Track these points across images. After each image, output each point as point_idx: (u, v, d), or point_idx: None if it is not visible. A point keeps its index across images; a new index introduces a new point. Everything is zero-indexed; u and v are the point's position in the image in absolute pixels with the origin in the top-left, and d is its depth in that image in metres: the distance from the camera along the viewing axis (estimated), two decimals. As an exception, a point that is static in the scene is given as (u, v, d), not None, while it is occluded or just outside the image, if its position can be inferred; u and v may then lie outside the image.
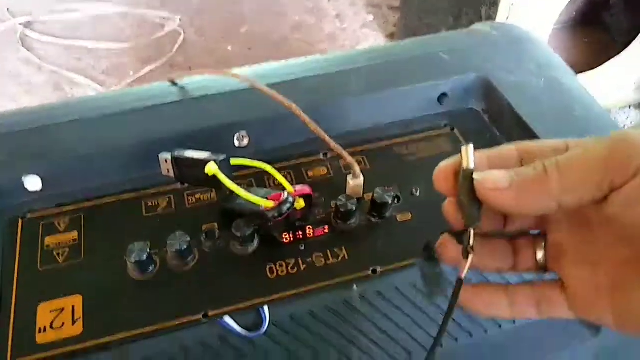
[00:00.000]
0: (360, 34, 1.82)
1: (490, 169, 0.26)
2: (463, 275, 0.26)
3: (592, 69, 1.34)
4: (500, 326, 0.42)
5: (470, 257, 0.26)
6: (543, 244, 0.29)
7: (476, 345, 0.42)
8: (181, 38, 1.76)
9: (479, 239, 0.27)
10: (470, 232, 0.26)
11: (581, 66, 1.32)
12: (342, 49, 1.70)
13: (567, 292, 0.27)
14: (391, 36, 1.81)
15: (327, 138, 0.43)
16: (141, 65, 1.66)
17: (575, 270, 0.27)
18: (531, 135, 0.47)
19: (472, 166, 0.26)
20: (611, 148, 0.23)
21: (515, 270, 0.30)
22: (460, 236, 0.27)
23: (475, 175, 0.26)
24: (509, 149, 0.28)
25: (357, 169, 0.43)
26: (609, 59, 1.34)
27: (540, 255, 0.29)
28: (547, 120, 0.48)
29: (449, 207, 0.28)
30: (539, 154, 0.26)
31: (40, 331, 0.36)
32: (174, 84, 0.52)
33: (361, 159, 0.48)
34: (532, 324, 0.43)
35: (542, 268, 0.29)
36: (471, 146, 0.26)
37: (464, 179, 0.26)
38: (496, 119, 0.52)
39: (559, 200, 0.24)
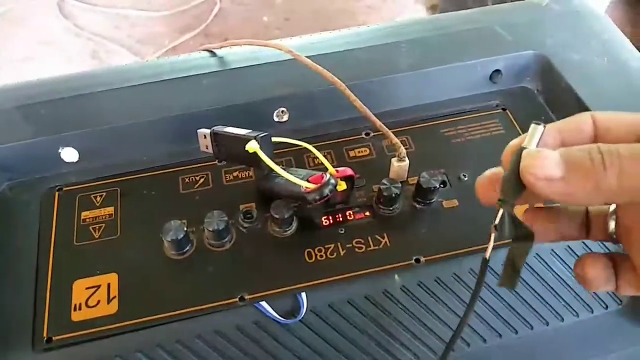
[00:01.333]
0: (402, 5, 1.76)
1: (563, 144, 0.23)
2: (487, 255, 0.24)
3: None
4: (531, 327, 0.40)
5: (493, 236, 0.24)
6: (614, 215, 0.26)
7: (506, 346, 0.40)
8: (217, 7, 1.73)
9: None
10: (500, 211, 0.23)
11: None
12: (382, 21, 1.64)
13: (637, 270, 0.25)
14: (434, 8, 1.74)
15: (372, 117, 0.41)
16: (177, 34, 1.65)
17: None
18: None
19: (533, 147, 0.23)
20: None
21: (584, 238, 0.27)
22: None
23: (523, 155, 0.22)
24: (584, 121, 0.24)
25: (402, 150, 0.41)
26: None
27: (612, 226, 0.26)
28: (610, 105, 0.44)
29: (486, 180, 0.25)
30: (617, 134, 0.23)
31: (75, 309, 0.36)
32: (213, 54, 0.50)
33: (405, 140, 0.45)
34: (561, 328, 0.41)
35: (614, 239, 0.26)
36: (541, 128, 0.23)
37: (517, 155, 0.23)
38: (553, 101, 0.48)
39: (612, 199, 0.21)
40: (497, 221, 0.23)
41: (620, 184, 0.20)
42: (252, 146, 0.35)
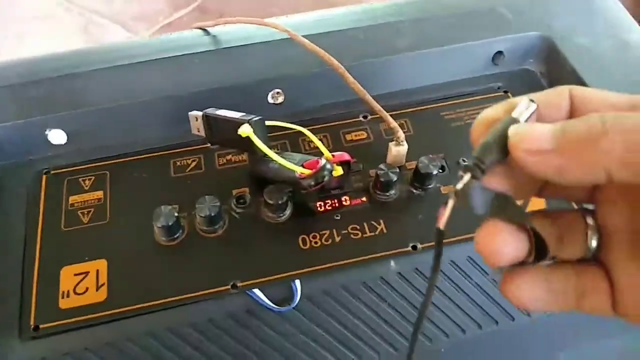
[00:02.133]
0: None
1: (538, 117, 0.21)
2: (442, 225, 0.21)
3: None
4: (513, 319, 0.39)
5: (451, 202, 0.20)
6: (594, 225, 0.22)
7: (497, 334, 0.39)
8: (212, -18, 1.69)
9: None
10: (465, 176, 0.20)
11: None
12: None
13: (614, 289, 0.21)
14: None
15: (371, 100, 0.39)
16: (171, 10, 1.62)
17: (628, 266, 0.21)
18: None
19: (521, 120, 0.20)
20: None
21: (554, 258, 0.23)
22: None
23: (511, 130, 0.19)
24: (561, 95, 0.21)
25: (401, 135, 0.40)
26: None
27: (594, 241, 0.21)
28: (615, 89, 0.42)
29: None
30: (598, 107, 0.20)
31: (63, 296, 0.35)
32: (206, 32, 0.48)
33: (404, 123, 0.44)
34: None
35: (590, 257, 0.22)
36: (534, 106, 0.21)
37: (505, 123, 0.20)
38: (556, 84, 0.46)
39: (613, 171, 0.18)
40: (460, 186, 0.20)
41: (623, 151, 0.17)
42: (245, 130, 0.34)
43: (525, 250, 0.20)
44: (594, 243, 0.21)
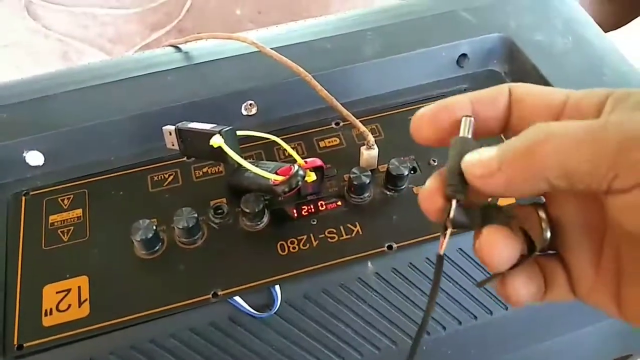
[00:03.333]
0: (374, -7, 1.76)
1: (475, 114, 0.22)
2: (442, 251, 0.22)
3: (620, 26, 1.27)
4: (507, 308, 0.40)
5: (449, 232, 0.22)
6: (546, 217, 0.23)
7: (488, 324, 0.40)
8: (189, 2, 1.71)
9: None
10: (452, 203, 0.22)
11: (609, 24, 1.26)
12: (355, 8, 1.64)
13: (569, 273, 0.23)
14: (405, -5, 1.74)
15: (339, 106, 0.41)
16: (148, 32, 1.63)
17: (580, 255, 0.22)
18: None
19: (469, 136, 0.22)
20: (622, 145, 0.17)
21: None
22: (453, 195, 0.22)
23: (463, 163, 0.21)
24: (500, 92, 0.23)
25: (371, 139, 0.41)
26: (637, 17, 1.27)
27: (547, 233, 0.23)
28: (574, 83, 0.44)
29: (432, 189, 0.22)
30: (531, 105, 0.22)
31: (46, 314, 0.35)
32: (177, 49, 0.49)
33: (375, 128, 0.45)
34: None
35: (545, 247, 0.23)
36: (471, 119, 0.22)
37: (457, 144, 0.22)
38: (520, 82, 0.48)
39: (552, 182, 0.19)
40: (452, 214, 0.21)
41: (556, 165, 0.18)
42: (217, 141, 0.35)
43: (520, 251, 0.22)
44: (547, 234, 0.23)
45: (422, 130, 0.23)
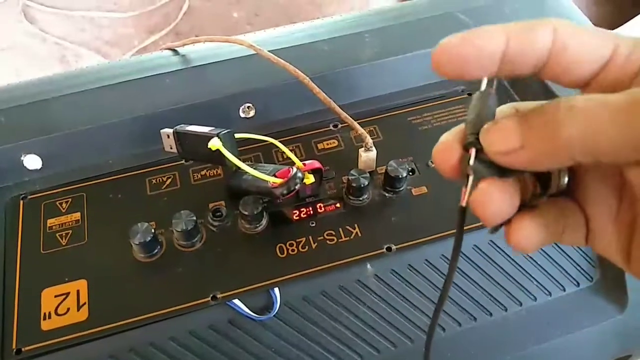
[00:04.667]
0: (371, -5, 1.76)
1: (507, 53, 0.20)
2: (464, 203, 0.22)
3: (616, 27, 1.28)
4: (505, 309, 0.40)
5: (471, 179, 0.21)
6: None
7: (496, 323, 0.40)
8: (186, 5, 1.71)
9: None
10: (471, 152, 0.21)
11: (605, 25, 1.26)
12: (352, 10, 1.64)
13: (588, 222, 0.23)
14: (403, -4, 1.74)
15: (337, 108, 0.41)
16: (146, 34, 1.63)
17: (597, 201, 0.22)
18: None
19: (492, 91, 0.21)
20: None
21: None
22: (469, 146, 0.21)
23: (481, 135, 0.21)
24: (543, 30, 0.20)
25: (369, 141, 0.41)
26: (636, 15, 1.27)
27: (565, 178, 0.22)
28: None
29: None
30: (576, 54, 0.20)
31: (45, 317, 0.35)
32: (175, 52, 0.49)
33: (373, 130, 0.45)
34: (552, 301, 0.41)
35: (564, 192, 0.23)
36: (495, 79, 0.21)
37: (479, 100, 0.21)
38: (517, 83, 0.48)
39: (577, 158, 0.18)
40: (471, 162, 0.21)
41: (581, 142, 0.18)
42: (215, 143, 0.35)
43: (517, 202, 0.21)
44: (565, 180, 0.22)
45: (444, 64, 0.21)
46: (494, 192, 0.21)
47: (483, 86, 0.21)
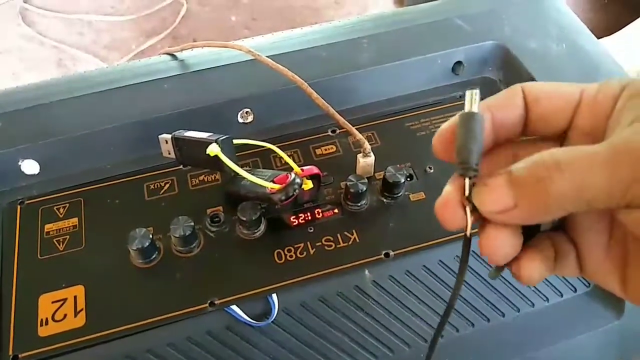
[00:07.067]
0: (368, 0, 1.76)
1: (493, 122, 0.22)
2: (468, 233, 0.22)
3: (612, 33, 1.28)
4: (503, 315, 0.40)
5: (468, 209, 0.21)
6: None
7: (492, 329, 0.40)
8: (184, 9, 1.71)
9: None
10: (465, 181, 0.21)
11: (602, 31, 1.26)
12: (350, 15, 1.64)
13: (577, 250, 0.24)
14: (400, 2, 1.75)
15: (336, 114, 0.41)
16: (143, 38, 1.63)
17: (587, 233, 0.23)
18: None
19: (475, 110, 0.21)
20: (636, 167, 0.17)
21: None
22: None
23: (474, 196, 0.21)
24: (514, 94, 0.22)
25: (367, 146, 0.41)
26: (632, 21, 1.28)
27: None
28: (569, 90, 0.45)
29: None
30: (548, 104, 0.22)
31: (42, 324, 0.35)
32: (173, 57, 0.49)
33: (371, 135, 0.45)
34: (552, 306, 0.41)
35: (556, 227, 0.24)
36: (477, 91, 0.22)
37: (465, 121, 0.21)
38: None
39: (569, 209, 0.19)
40: (466, 192, 0.21)
41: (571, 194, 0.18)
42: (213, 149, 0.35)
43: (520, 241, 0.22)
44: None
45: (439, 152, 0.23)
46: (501, 236, 0.21)
47: (467, 106, 0.22)
